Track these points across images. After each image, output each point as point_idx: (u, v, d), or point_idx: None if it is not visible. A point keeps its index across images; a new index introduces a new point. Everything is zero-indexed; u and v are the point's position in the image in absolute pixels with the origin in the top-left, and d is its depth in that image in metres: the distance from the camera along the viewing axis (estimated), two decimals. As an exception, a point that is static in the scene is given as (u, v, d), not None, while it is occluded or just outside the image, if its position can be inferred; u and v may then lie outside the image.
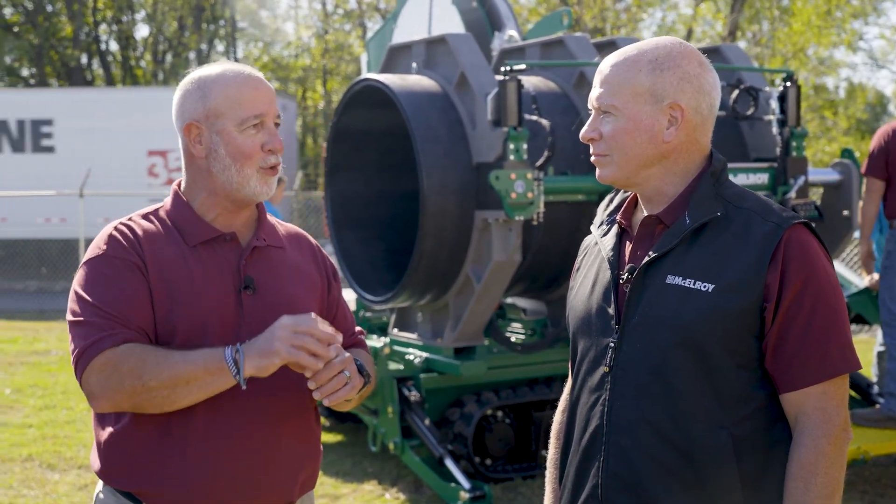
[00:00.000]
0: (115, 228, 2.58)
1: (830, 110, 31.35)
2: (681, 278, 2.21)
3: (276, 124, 2.60)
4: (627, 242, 2.37)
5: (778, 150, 6.71)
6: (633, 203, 2.42)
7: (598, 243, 2.44)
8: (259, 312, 2.55)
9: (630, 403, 2.23)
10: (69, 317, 2.52)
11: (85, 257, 2.58)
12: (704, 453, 2.18)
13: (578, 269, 2.52)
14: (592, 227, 2.51)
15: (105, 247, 2.54)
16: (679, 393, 2.19)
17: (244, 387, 2.40)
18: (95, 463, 2.60)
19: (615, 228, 2.41)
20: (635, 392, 2.23)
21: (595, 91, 2.32)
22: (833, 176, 7.06)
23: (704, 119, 2.29)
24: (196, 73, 2.61)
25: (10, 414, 8.95)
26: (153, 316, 2.49)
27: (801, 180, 6.62)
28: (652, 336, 2.22)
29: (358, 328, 2.90)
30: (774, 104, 6.72)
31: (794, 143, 6.67)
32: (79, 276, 2.56)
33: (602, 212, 2.50)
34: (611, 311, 2.31)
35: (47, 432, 8.20)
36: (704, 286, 2.18)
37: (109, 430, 2.55)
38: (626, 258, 2.34)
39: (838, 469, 2.18)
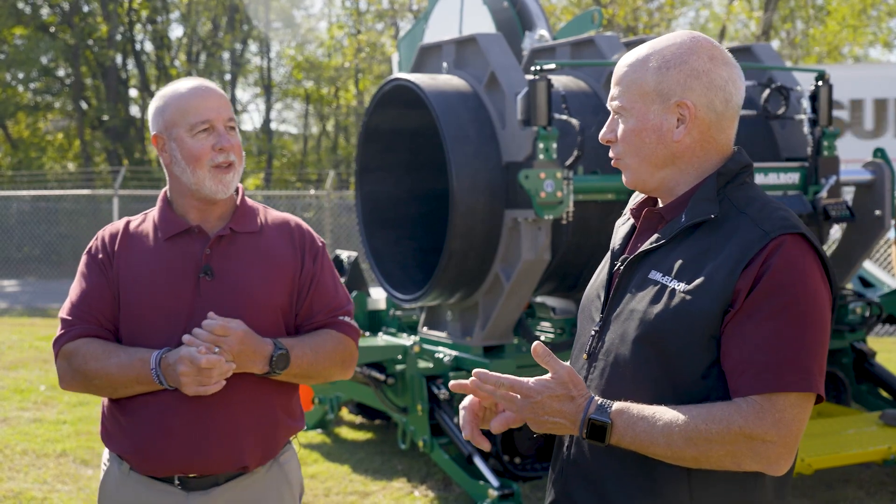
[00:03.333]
0: (106, 227, 3.02)
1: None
2: (661, 275, 2.20)
3: (232, 128, 2.93)
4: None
5: (809, 150, 6.69)
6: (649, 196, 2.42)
7: (616, 232, 2.46)
8: (216, 295, 2.89)
9: (597, 393, 2.24)
10: None
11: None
12: None
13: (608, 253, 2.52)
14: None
15: (92, 243, 3.01)
16: (637, 388, 2.18)
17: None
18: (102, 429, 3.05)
19: (631, 219, 2.43)
20: (602, 382, 2.26)
21: (610, 91, 2.32)
22: (865, 175, 7.02)
23: (720, 115, 2.22)
24: (160, 90, 2.99)
25: (45, 410, 9.06)
26: (114, 307, 2.91)
27: (832, 180, 6.59)
28: (625, 329, 2.22)
29: (343, 315, 3.06)
30: (806, 103, 6.69)
31: (825, 143, 6.64)
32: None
33: (631, 200, 2.49)
34: (601, 299, 2.34)
35: (81, 428, 8.29)
36: (678, 285, 2.15)
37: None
38: (629, 249, 2.36)
39: (727, 455, 2.07)
